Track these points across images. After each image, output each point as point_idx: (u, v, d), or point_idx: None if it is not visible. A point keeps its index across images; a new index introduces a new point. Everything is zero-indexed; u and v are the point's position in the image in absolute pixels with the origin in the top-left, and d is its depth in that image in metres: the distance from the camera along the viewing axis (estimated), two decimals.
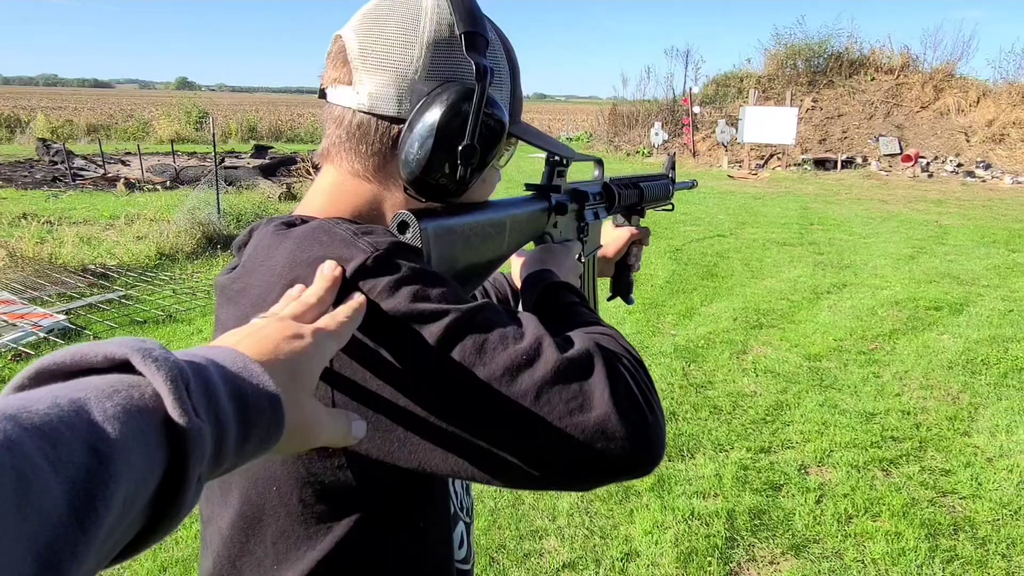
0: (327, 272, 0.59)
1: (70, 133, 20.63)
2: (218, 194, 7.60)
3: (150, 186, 11.43)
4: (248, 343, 0.50)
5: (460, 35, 0.67)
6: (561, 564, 2.46)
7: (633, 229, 1.22)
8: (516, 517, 2.70)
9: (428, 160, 0.66)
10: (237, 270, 0.68)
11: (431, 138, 0.66)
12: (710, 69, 23.48)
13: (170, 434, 0.40)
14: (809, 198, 12.11)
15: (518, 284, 0.89)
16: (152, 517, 0.40)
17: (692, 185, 1.50)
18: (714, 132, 17.89)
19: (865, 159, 16.24)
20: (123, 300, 5.27)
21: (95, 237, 7.22)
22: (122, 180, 11.53)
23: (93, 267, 6.03)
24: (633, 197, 1.17)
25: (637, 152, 19.26)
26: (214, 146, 8.74)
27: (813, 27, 21.18)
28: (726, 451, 3.25)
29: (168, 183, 11.81)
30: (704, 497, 2.87)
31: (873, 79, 18.24)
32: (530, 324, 0.63)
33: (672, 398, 3.79)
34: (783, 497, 2.88)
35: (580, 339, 0.64)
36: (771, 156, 16.70)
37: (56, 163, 13.42)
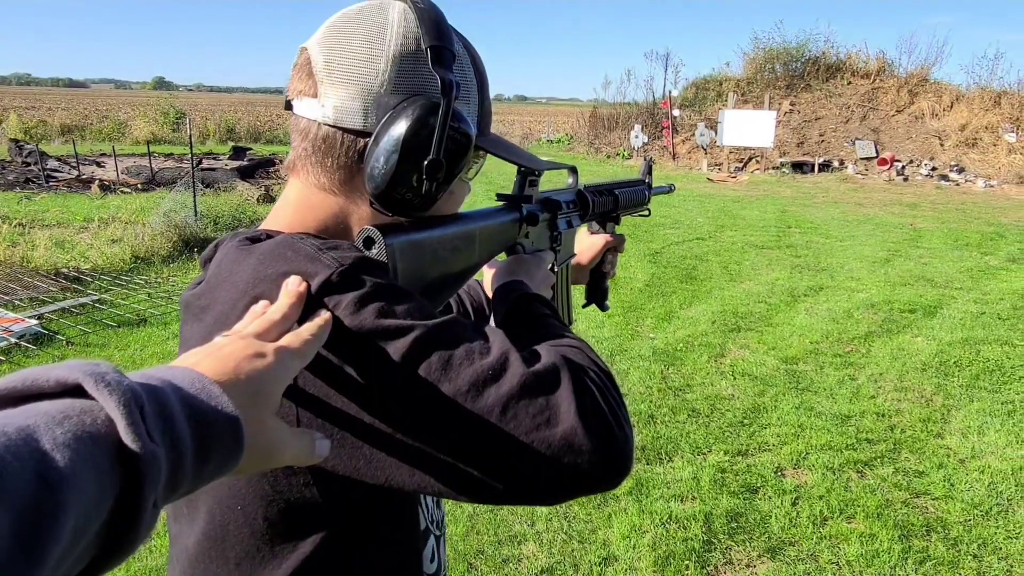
0: (292, 288, 0.58)
1: (43, 134, 20.29)
2: (195, 196, 7.52)
3: (125, 188, 11.28)
4: (208, 363, 0.49)
5: (426, 49, 0.67)
6: (539, 569, 2.46)
7: (608, 236, 1.22)
8: (495, 523, 2.70)
9: (393, 174, 0.66)
10: (202, 286, 0.67)
11: (396, 152, 0.66)
12: (689, 72, 23.62)
13: (123, 459, 0.39)
14: (787, 201, 12.24)
15: (490, 295, 0.89)
16: (106, 543, 0.40)
17: (670, 190, 1.51)
18: (693, 135, 18.02)
19: (842, 162, 16.44)
20: (97, 304, 5.20)
21: (68, 240, 7.11)
22: (97, 182, 11.36)
23: (66, 270, 5.93)
24: (608, 204, 1.17)
25: (617, 154, 19.35)
26: (191, 147, 8.64)
27: (791, 31, 21.47)
28: (704, 454, 3.27)
29: (144, 185, 11.67)
30: (682, 500, 2.89)
31: (849, 83, 18.49)
32: (496, 338, 0.63)
33: (650, 401, 3.80)
34: (760, 499, 2.91)
35: (547, 353, 0.63)
36: (750, 159, 16.85)
37: (29, 164, 13.19)
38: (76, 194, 10.70)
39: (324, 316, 0.57)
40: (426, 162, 0.66)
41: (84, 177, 12.20)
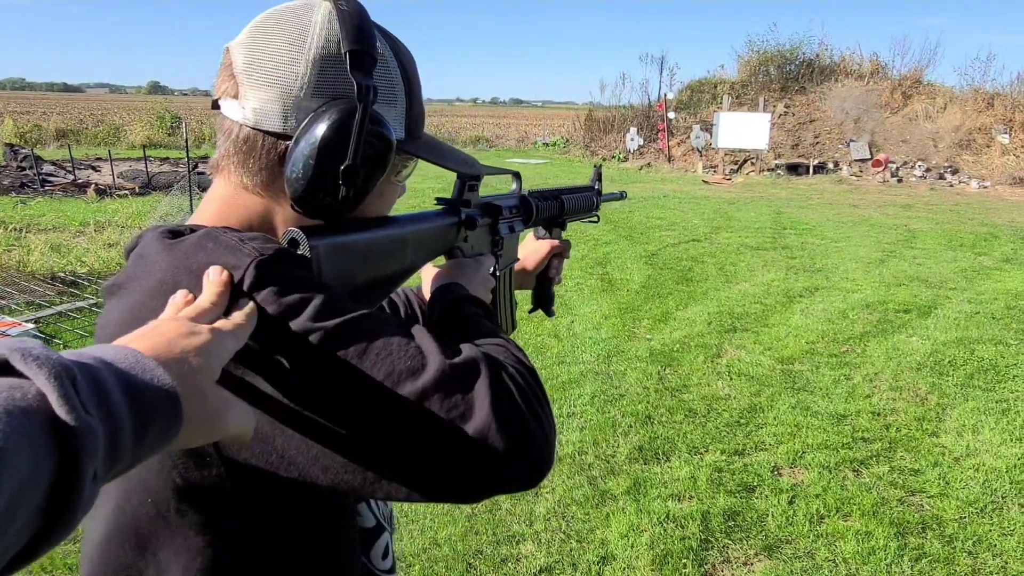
0: (214, 277, 0.58)
1: (38, 138, 20.25)
2: (191, 200, 7.53)
3: (121, 192, 11.27)
4: (141, 341, 0.50)
5: (344, 53, 0.66)
6: (538, 568, 2.47)
7: (554, 242, 1.22)
8: (493, 523, 2.71)
9: (310, 180, 0.66)
10: (121, 274, 0.67)
11: (313, 158, 0.65)
12: (684, 75, 23.82)
13: (58, 432, 0.39)
14: (782, 203, 12.28)
15: (427, 297, 0.89)
16: (47, 518, 0.39)
17: (621, 196, 1.49)
18: (689, 138, 18.07)
19: (836, 164, 16.51)
20: (94, 308, 5.20)
21: (65, 244, 7.11)
22: (92, 186, 11.35)
23: (63, 275, 5.93)
24: (553, 209, 1.17)
25: (613, 157, 19.39)
26: (187, 151, 8.64)
27: (785, 34, 21.53)
28: (701, 453, 3.28)
29: (140, 189, 11.66)
30: (679, 499, 2.90)
31: (844, 85, 18.56)
32: (418, 334, 0.63)
33: (647, 402, 3.82)
34: (756, 498, 2.92)
35: (468, 350, 0.64)
36: (745, 161, 16.91)
37: (24, 169, 13.16)
38: (72, 198, 10.69)
39: (251, 305, 0.58)
40: (342, 168, 0.65)
41: (80, 181, 12.19)
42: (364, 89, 0.65)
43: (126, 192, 11.32)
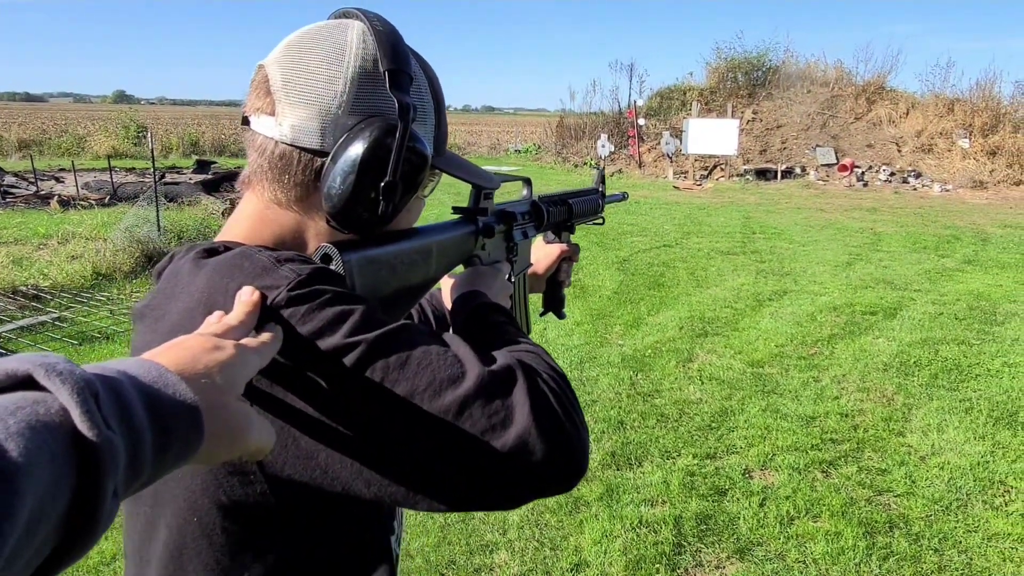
0: (245, 297, 0.59)
1: None
2: (158, 211, 7.40)
3: (85, 203, 11.06)
4: (166, 356, 0.50)
5: (384, 72, 0.68)
6: None
7: (563, 246, 1.23)
8: (466, 532, 2.70)
9: (350, 195, 0.67)
10: (156, 296, 0.68)
11: (353, 173, 0.66)
12: (654, 82, 24.03)
13: (80, 448, 0.39)
14: (751, 207, 12.44)
15: (449, 306, 0.90)
16: (67, 534, 0.39)
17: (623, 197, 1.52)
18: (659, 144, 18.23)
19: (804, 169, 16.77)
20: (56, 322, 5.09)
21: (27, 257, 6.95)
22: (56, 197, 11.12)
23: (24, 288, 5.79)
24: (562, 214, 1.19)
25: (584, 163, 19.48)
26: (152, 161, 8.51)
27: (751, 41, 21.86)
28: (673, 458, 3.30)
29: (105, 200, 11.45)
30: (652, 504, 2.91)
31: (809, 91, 18.88)
32: (454, 343, 0.64)
33: (620, 407, 3.83)
34: (728, 501, 2.94)
35: (503, 356, 0.65)
36: (715, 167, 17.11)
37: None
38: (34, 210, 10.47)
39: (278, 328, 0.58)
40: (383, 184, 0.67)
41: (42, 193, 11.94)
42: (405, 107, 0.66)
43: (91, 203, 11.11)
